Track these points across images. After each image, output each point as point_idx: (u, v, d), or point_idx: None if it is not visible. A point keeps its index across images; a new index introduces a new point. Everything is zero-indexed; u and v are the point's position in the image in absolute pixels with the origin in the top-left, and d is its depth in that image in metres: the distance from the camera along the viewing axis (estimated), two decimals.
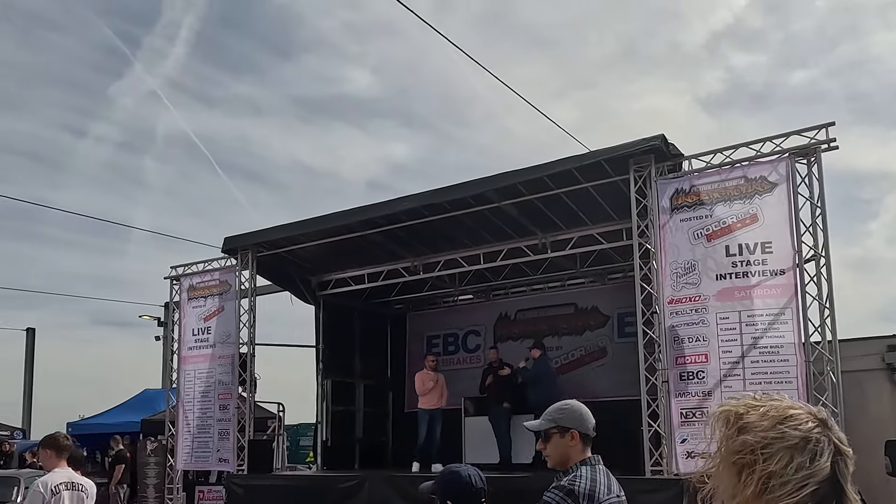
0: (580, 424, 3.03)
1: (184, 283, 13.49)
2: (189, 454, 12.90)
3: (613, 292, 12.97)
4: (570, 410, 3.08)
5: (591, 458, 3.01)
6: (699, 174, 8.92)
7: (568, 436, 3.02)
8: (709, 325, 8.61)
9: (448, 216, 11.20)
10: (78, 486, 5.65)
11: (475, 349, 14.63)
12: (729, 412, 1.21)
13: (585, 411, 3.08)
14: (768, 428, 1.18)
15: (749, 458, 1.15)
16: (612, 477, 3.02)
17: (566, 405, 3.10)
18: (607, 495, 2.89)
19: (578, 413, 3.06)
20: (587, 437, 3.04)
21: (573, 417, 3.05)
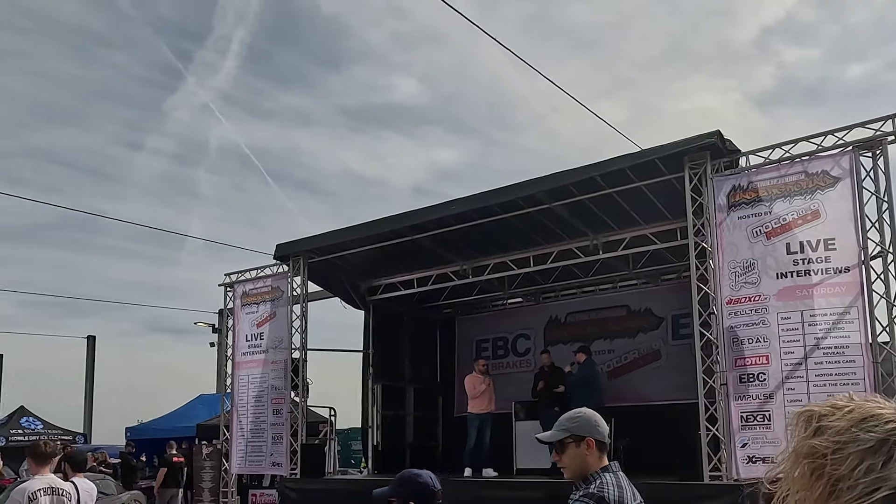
0: (595, 431, 2.96)
1: (237, 289, 13.67)
2: (243, 458, 13.03)
3: (667, 293, 12.71)
4: (583, 419, 3.01)
5: (612, 465, 2.94)
6: (757, 170, 8.66)
7: (584, 444, 2.94)
8: (769, 326, 8.36)
9: (497, 219, 11.10)
10: (58, 491, 5.78)
11: (525, 353, 14.48)
12: (811, 413, 1.14)
13: (599, 418, 3.01)
14: (843, 430, 1.10)
15: (819, 461, 1.08)
16: (631, 483, 2.96)
17: (579, 413, 3.04)
18: (633, 502, 2.84)
19: (593, 420, 2.99)
20: (603, 444, 2.96)
21: (588, 425, 2.97)
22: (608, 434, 3.00)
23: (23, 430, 24.94)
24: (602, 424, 2.98)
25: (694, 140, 8.85)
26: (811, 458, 1.09)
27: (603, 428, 2.97)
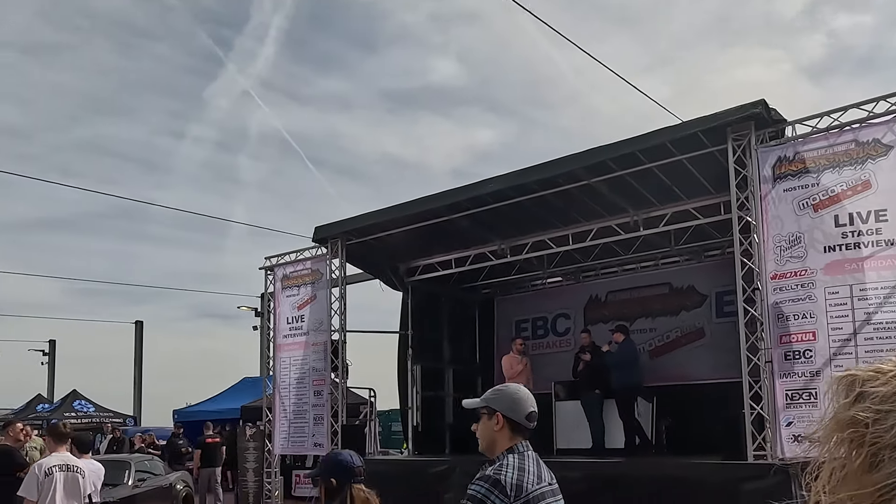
0: (509, 409, 2.84)
1: (278, 273, 13.76)
2: (286, 439, 13.17)
3: (711, 270, 12.41)
4: (503, 393, 2.92)
5: (519, 445, 2.82)
6: (804, 140, 8.35)
7: (494, 419, 2.84)
8: (816, 301, 8.09)
9: (535, 196, 10.94)
10: (73, 468, 6.22)
11: (565, 333, 14.33)
12: (853, 378, 1.04)
13: (521, 399, 2.87)
14: (887, 396, 1.00)
15: (860, 430, 0.99)
16: (543, 463, 2.85)
17: (502, 387, 2.97)
18: (537, 484, 2.73)
19: (512, 398, 2.87)
20: (517, 424, 2.83)
21: (504, 401, 2.87)
22: (530, 417, 2.85)
23: (76, 413, 25.69)
24: (523, 405, 2.85)
25: (738, 110, 8.57)
26: (852, 426, 1.00)
27: (522, 408, 2.84)
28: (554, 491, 2.80)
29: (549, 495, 2.75)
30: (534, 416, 2.85)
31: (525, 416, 2.83)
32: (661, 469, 9.20)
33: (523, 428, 2.85)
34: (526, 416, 2.83)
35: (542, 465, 2.83)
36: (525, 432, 2.86)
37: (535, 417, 2.85)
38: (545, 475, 2.80)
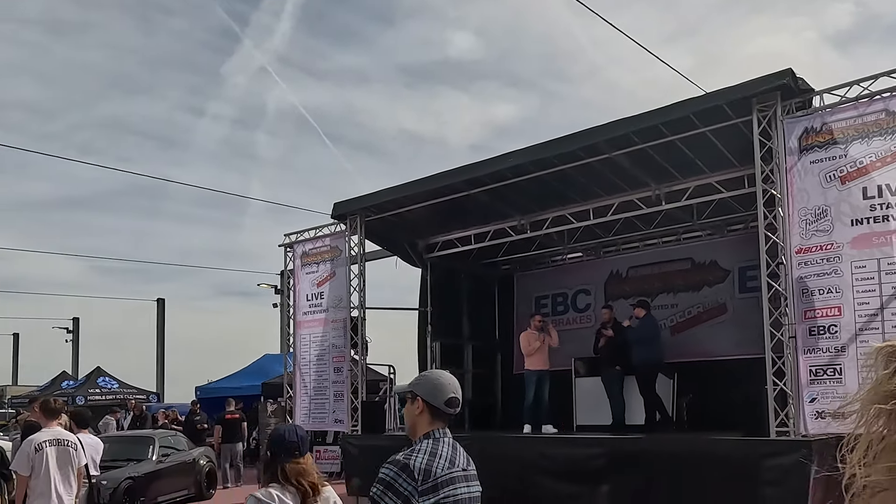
0: (429, 395, 2.85)
1: (297, 250, 13.77)
2: (306, 415, 13.23)
3: (734, 245, 12.22)
4: (425, 379, 2.95)
5: (436, 431, 2.83)
6: (832, 110, 8.12)
7: (415, 404, 2.86)
8: (842, 276, 7.92)
9: (555, 171, 10.80)
10: (64, 442, 6.38)
11: (585, 309, 14.23)
12: (892, 349, 1.00)
13: (442, 384, 2.87)
14: None
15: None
16: (461, 449, 2.87)
17: (427, 373, 3.03)
18: (448, 469, 2.74)
19: (433, 383, 2.89)
20: (437, 410, 2.83)
21: (424, 386, 2.89)
22: (449, 402, 2.84)
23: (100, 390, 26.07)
24: (442, 391, 2.84)
25: (764, 80, 8.35)
26: (893, 398, 0.96)
27: (441, 394, 2.83)
28: (467, 476, 2.82)
29: (460, 480, 2.77)
30: (454, 401, 2.85)
31: (444, 401, 2.84)
32: (682, 445, 9.12)
33: (443, 413, 2.85)
34: (445, 402, 2.84)
35: (460, 451, 2.86)
36: (445, 417, 2.87)
37: (455, 403, 2.85)
38: (460, 461, 2.81)
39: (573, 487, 9.34)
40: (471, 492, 2.81)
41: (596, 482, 9.17)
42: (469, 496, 2.79)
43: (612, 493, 9.03)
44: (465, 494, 2.77)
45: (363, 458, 11.82)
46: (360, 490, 11.81)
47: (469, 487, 2.80)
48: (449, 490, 2.71)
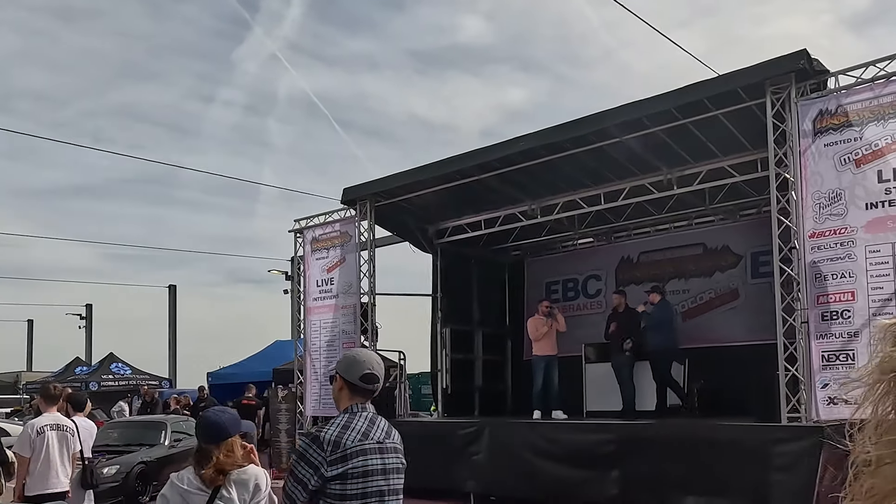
0: (345, 371, 3.02)
1: (307, 235, 13.75)
2: (317, 401, 13.26)
3: (746, 230, 12.10)
4: (343, 358, 3.13)
5: (355, 406, 2.99)
6: (847, 92, 8.00)
7: (336, 382, 3.05)
8: (856, 260, 7.83)
9: (567, 155, 10.72)
10: (63, 427, 6.75)
11: (596, 294, 14.16)
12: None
13: (357, 361, 3.04)
14: None
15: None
16: (380, 423, 3.00)
17: (347, 351, 3.26)
18: (360, 442, 2.88)
19: (349, 361, 3.06)
20: (354, 386, 3.00)
21: (342, 365, 3.07)
22: (364, 378, 2.98)
23: (113, 376, 26.24)
24: (357, 367, 3.00)
25: (778, 62, 8.25)
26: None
27: (356, 370, 2.99)
28: (383, 449, 2.93)
29: (373, 452, 2.89)
30: (370, 377, 2.97)
31: (359, 377, 2.97)
32: (693, 431, 9.07)
33: (360, 388, 2.99)
34: (360, 378, 2.97)
35: (379, 426, 2.97)
36: (362, 392, 3.00)
37: (371, 379, 2.98)
38: (376, 434, 2.93)
39: (583, 473, 9.32)
40: (385, 463, 2.91)
41: (606, 468, 9.14)
42: (383, 467, 2.90)
43: (622, 478, 9.01)
44: (377, 466, 2.88)
45: None
46: None
47: (384, 459, 2.91)
48: (358, 461, 2.84)
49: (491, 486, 10.50)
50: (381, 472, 2.89)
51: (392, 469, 2.94)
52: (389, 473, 2.92)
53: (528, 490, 10.05)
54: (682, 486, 8.52)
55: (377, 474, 2.89)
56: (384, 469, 2.91)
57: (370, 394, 3.02)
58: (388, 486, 2.92)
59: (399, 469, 2.98)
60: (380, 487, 2.89)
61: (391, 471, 2.93)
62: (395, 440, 3.01)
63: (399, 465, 2.98)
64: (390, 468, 2.93)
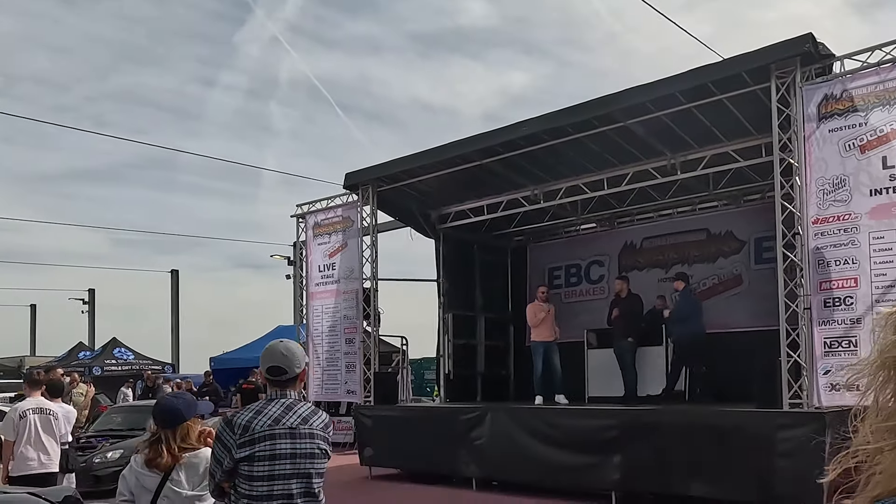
0: (261, 364, 3.24)
1: (309, 220, 13.72)
2: (319, 386, 13.28)
3: (750, 215, 12.04)
4: (263, 350, 3.28)
5: (273, 393, 3.19)
6: (852, 76, 7.91)
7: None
8: (859, 246, 7.79)
9: (570, 139, 10.66)
10: (46, 411, 7.07)
11: (598, 280, 14.13)
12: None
13: (266, 355, 3.22)
14: None
15: None
16: (300, 410, 3.15)
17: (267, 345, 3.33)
18: (270, 427, 3.05)
19: (262, 355, 3.25)
20: (267, 377, 3.21)
21: (261, 357, 3.25)
22: (269, 371, 3.17)
23: (116, 360, 26.31)
24: (266, 360, 3.20)
25: (783, 46, 8.16)
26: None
27: (265, 363, 3.19)
28: (294, 434, 3.07)
29: (283, 437, 3.05)
30: (273, 370, 3.17)
31: (266, 369, 3.19)
32: (696, 417, 9.07)
33: (270, 379, 3.20)
34: (267, 370, 3.19)
35: (295, 412, 3.12)
36: (273, 382, 3.19)
37: (275, 371, 3.17)
38: (290, 420, 3.09)
39: (585, 458, 9.34)
40: (296, 448, 3.06)
41: (608, 453, 9.15)
42: (292, 451, 3.05)
43: (623, 464, 9.02)
44: (285, 450, 3.04)
45: (376, 428, 11.88)
46: (373, 460, 11.90)
47: (294, 444, 3.06)
48: (266, 444, 3.02)
49: (493, 470, 10.53)
50: (289, 456, 3.05)
51: (302, 453, 3.07)
52: (298, 457, 3.06)
53: (529, 475, 10.08)
54: (684, 471, 8.53)
55: (285, 458, 3.04)
56: (293, 453, 3.06)
57: (280, 383, 3.18)
58: (295, 469, 3.05)
59: (313, 454, 3.10)
60: (287, 470, 3.04)
61: (301, 455, 3.07)
62: (313, 427, 3.13)
63: (313, 451, 3.10)
64: (301, 452, 3.07)
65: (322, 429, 3.17)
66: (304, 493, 3.07)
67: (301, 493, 3.06)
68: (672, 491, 8.79)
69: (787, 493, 7.69)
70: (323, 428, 3.18)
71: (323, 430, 3.17)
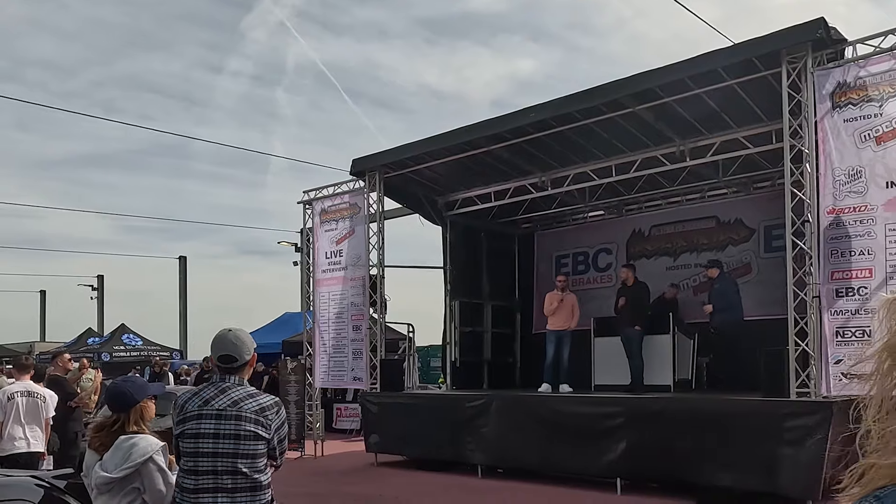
0: (212, 352, 3.42)
1: (316, 207, 13.67)
2: (326, 373, 13.28)
3: (760, 203, 11.93)
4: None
5: (216, 377, 3.37)
6: (865, 62, 7.78)
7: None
8: (875, 238, 7.71)
9: (577, 125, 10.57)
10: (34, 394, 7.31)
11: (606, 268, 14.06)
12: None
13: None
14: None
15: None
16: (233, 394, 3.27)
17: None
18: (200, 407, 3.24)
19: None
20: (219, 365, 3.38)
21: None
22: (218, 357, 3.34)
23: (124, 347, 26.38)
24: (212, 349, 3.37)
25: (794, 30, 8.04)
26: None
27: (215, 352, 3.36)
28: (221, 416, 3.22)
29: (209, 417, 3.22)
30: (224, 358, 3.33)
31: (217, 357, 3.37)
32: (702, 405, 9.01)
33: (219, 366, 3.37)
34: (217, 358, 3.36)
35: (229, 395, 3.26)
36: (224, 370, 3.35)
37: (225, 360, 3.33)
38: (220, 403, 3.24)
39: (591, 446, 9.30)
40: (219, 429, 3.20)
41: (614, 441, 9.12)
42: (215, 432, 3.20)
43: (629, 452, 8.98)
44: (209, 430, 3.21)
45: (382, 415, 11.88)
46: (379, 447, 11.90)
47: (219, 424, 3.21)
48: (193, 423, 3.23)
49: (498, 457, 10.52)
50: (211, 436, 3.21)
51: (226, 434, 3.20)
52: (221, 438, 3.20)
53: (535, 462, 10.06)
54: (691, 459, 8.49)
55: (207, 437, 3.21)
56: (216, 434, 3.20)
57: (228, 370, 3.34)
58: (216, 448, 3.20)
59: (238, 435, 3.20)
60: (208, 449, 3.20)
61: (224, 436, 3.20)
62: (244, 410, 3.23)
63: (238, 433, 3.20)
64: (224, 434, 3.21)
65: (255, 412, 3.24)
66: (230, 472, 3.19)
67: (227, 471, 3.19)
68: (677, 478, 8.76)
69: (793, 481, 7.64)
70: (257, 412, 3.24)
71: (256, 413, 3.24)
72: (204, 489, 3.21)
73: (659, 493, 8.95)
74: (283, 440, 3.38)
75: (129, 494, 3.33)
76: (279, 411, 3.32)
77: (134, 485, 3.34)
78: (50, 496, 4.59)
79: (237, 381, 3.33)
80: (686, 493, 8.62)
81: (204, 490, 3.21)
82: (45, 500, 4.54)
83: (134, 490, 3.34)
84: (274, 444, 3.30)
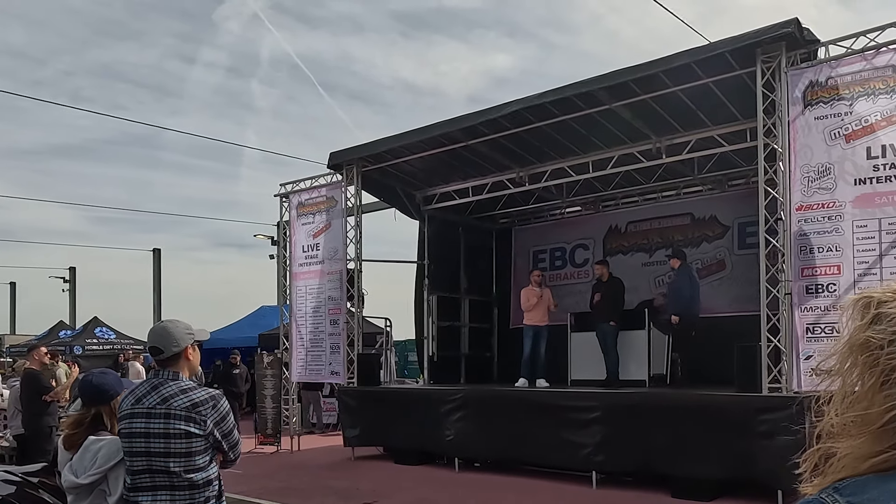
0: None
1: (293, 200, 13.60)
2: (303, 367, 13.24)
3: (734, 200, 12.08)
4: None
5: (153, 373, 3.31)
6: (837, 62, 7.91)
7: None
8: (843, 234, 7.84)
9: (555, 121, 10.62)
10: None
11: (583, 264, 14.15)
12: (868, 300, 1.00)
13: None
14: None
15: (875, 353, 0.96)
16: (164, 391, 3.19)
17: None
18: (132, 406, 3.21)
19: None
20: (152, 357, 3.36)
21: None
22: (151, 351, 3.30)
23: (97, 340, 26.10)
24: (148, 339, 3.34)
25: (769, 30, 8.13)
26: (866, 349, 0.96)
27: (147, 343, 3.36)
28: (150, 414, 3.15)
29: (140, 416, 3.17)
30: (152, 350, 3.28)
31: (148, 350, 3.38)
32: (675, 401, 9.13)
33: (153, 359, 3.33)
34: (148, 350, 3.36)
35: (161, 392, 3.18)
36: (157, 362, 3.30)
37: (153, 352, 3.28)
38: (150, 401, 3.18)
39: (567, 441, 9.38)
40: (149, 427, 3.14)
41: (590, 436, 9.21)
42: (146, 431, 3.14)
43: (605, 446, 9.08)
44: (140, 428, 3.15)
45: (359, 410, 11.88)
46: (356, 441, 11.91)
47: (148, 423, 3.15)
48: (126, 422, 3.21)
49: (475, 451, 10.58)
50: (142, 435, 3.15)
51: (156, 433, 3.14)
52: (151, 437, 3.14)
53: (511, 456, 10.14)
54: (665, 452, 8.60)
55: (139, 436, 3.15)
56: (146, 433, 3.14)
57: (160, 362, 3.29)
58: (147, 447, 3.14)
59: (167, 434, 3.12)
60: (140, 448, 3.15)
61: (154, 435, 3.14)
62: (173, 408, 3.14)
63: (168, 431, 3.12)
64: (154, 433, 3.14)
65: (186, 409, 3.13)
66: (163, 472, 3.13)
67: (160, 470, 3.13)
68: (651, 471, 8.88)
69: (765, 474, 7.78)
70: (188, 408, 3.13)
71: (187, 410, 3.13)
72: (142, 488, 3.17)
73: (634, 487, 9.07)
74: (230, 434, 3.24)
75: (97, 497, 3.30)
76: (216, 405, 3.18)
77: (100, 487, 3.30)
78: (22, 492, 4.56)
79: (171, 376, 3.22)
80: (661, 485, 8.74)
81: (142, 489, 3.16)
82: (16, 495, 4.51)
83: (100, 493, 3.30)
84: (218, 439, 3.18)
